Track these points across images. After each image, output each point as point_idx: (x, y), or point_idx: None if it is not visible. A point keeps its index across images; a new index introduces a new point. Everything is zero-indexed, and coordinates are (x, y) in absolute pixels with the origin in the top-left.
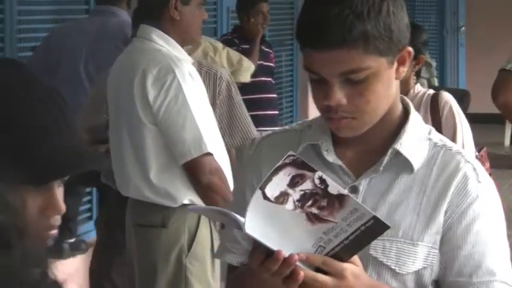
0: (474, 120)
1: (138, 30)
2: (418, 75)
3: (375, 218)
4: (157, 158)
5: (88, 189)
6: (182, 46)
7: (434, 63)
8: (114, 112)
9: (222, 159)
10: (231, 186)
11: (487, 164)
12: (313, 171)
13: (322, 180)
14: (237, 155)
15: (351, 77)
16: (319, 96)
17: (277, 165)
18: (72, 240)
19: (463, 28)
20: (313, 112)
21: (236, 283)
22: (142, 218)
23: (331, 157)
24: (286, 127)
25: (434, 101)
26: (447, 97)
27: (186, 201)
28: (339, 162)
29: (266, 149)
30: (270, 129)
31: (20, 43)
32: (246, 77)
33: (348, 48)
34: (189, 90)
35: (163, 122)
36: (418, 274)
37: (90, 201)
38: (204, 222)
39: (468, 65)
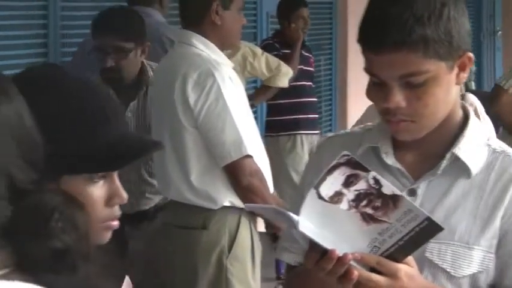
0: None
1: (178, 34)
2: None
3: (428, 219)
4: (198, 160)
5: None
6: (222, 50)
7: (473, 68)
8: (156, 115)
9: (262, 161)
10: (271, 188)
11: None
12: (367, 171)
13: (376, 181)
14: None
15: (410, 80)
16: (379, 98)
17: (332, 164)
18: None
19: (499, 32)
20: (352, 115)
21: (293, 283)
22: (183, 220)
23: (390, 160)
24: (348, 130)
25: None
26: (472, 99)
27: (226, 203)
28: (398, 165)
29: (327, 151)
30: (311, 133)
31: (64, 48)
32: (284, 82)
33: (408, 51)
34: (229, 93)
35: (204, 125)
36: (473, 278)
37: None
38: (244, 224)
39: (505, 68)
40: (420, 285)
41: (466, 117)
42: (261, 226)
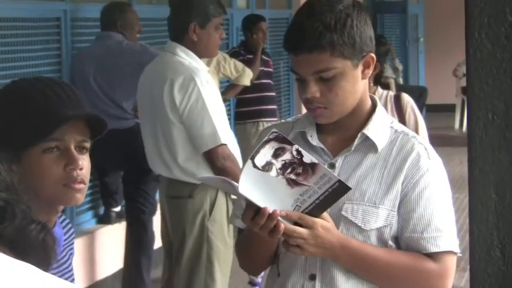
0: (431, 109)
1: (166, 45)
2: (377, 81)
3: (339, 181)
4: (184, 148)
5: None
6: (200, 58)
7: (401, 67)
8: (149, 111)
9: (232, 146)
10: (240, 166)
11: None
12: (292, 144)
13: (298, 152)
14: None
15: (322, 75)
16: (301, 91)
17: (264, 139)
18: (118, 209)
19: (421, 39)
20: None
21: (241, 242)
22: (174, 191)
23: (314, 141)
24: (282, 121)
25: (398, 102)
26: (408, 98)
27: None
28: (321, 145)
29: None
30: (271, 120)
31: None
32: (247, 81)
33: (318, 52)
34: (207, 94)
35: (187, 121)
36: (379, 231)
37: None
38: (222, 194)
39: (427, 67)
40: (334, 235)
41: (374, 106)
42: None
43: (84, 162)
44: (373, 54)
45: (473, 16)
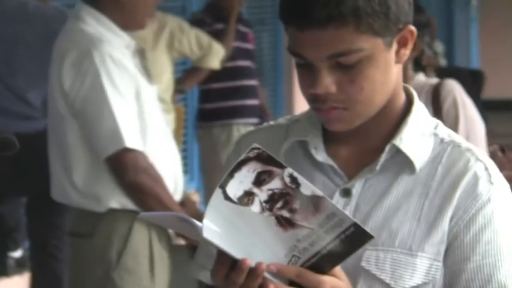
0: (489, 107)
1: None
2: (418, 64)
3: (355, 225)
4: (82, 155)
5: None
6: (125, 30)
7: (441, 48)
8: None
9: (167, 159)
10: (178, 190)
11: None
12: (282, 167)
13: (293, 178)
14: None
15: (340, 61)
16: (305, 83)
17: (240, 159)
18: (18, 253)
19: (474, 2)
20: (300, 103)
21: None
22: (73, 225)
23: (321, 156)
24: (271, 122)
25: (436, 92)
26: (450, 86)
27: (114, 205)
28: (330, 162)
29: (246, 148)
30: (250, 122)
31: None
32: (215, 63)
33: (336, 26)
34: (110, 75)
35: (80, 113)
36: None
37: None
38: (139, 229)
39: (482, 43)
40: None
41: (409, 102)
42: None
43: None
44: (412, 27)
45: None
